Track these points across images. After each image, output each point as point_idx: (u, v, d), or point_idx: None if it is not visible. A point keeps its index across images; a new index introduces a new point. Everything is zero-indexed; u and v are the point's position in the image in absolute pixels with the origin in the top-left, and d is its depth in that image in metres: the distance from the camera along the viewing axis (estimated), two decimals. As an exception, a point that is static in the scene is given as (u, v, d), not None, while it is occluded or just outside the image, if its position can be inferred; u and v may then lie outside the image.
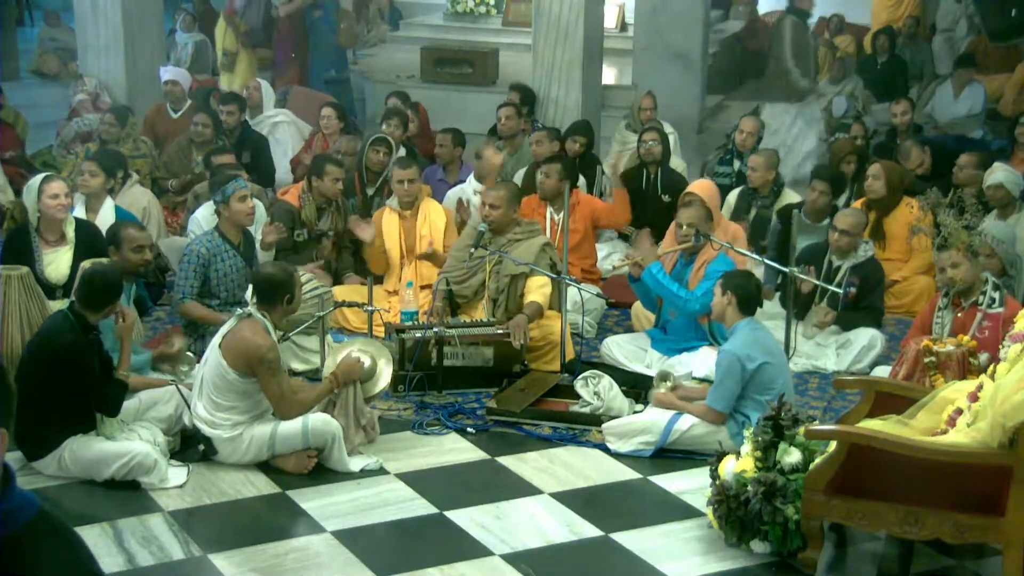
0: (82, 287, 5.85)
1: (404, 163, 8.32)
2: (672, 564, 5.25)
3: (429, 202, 8.25)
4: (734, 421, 6.05)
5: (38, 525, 2.35)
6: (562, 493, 5.86)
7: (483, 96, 12.73)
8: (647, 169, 9.29)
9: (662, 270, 7.19)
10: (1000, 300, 6.56)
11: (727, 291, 6.10)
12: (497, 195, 7.46)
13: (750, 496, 5.19)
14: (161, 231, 8.74)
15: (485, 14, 15.17)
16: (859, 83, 14.07)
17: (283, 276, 6.03)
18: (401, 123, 9.65)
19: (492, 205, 7.42)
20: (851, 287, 7.44)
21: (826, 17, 16.58)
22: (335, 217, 8.29)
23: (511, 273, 7.30)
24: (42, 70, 15.98)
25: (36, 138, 11.22)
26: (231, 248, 7.24)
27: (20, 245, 7.31)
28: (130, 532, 5.40)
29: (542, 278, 7.22)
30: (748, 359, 5.96)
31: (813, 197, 8.38)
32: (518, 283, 7.32)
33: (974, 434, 4.86)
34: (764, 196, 8.75)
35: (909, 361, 6.13)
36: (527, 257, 7.28)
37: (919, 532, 4.97)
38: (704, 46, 13.74)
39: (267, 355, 5.83)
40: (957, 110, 12.85)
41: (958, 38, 15.45)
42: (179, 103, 10.68)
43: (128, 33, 11.10)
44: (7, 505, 2.30)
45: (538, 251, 7.36)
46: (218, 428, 5.95)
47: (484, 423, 6.59)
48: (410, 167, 8.19)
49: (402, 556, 5.32)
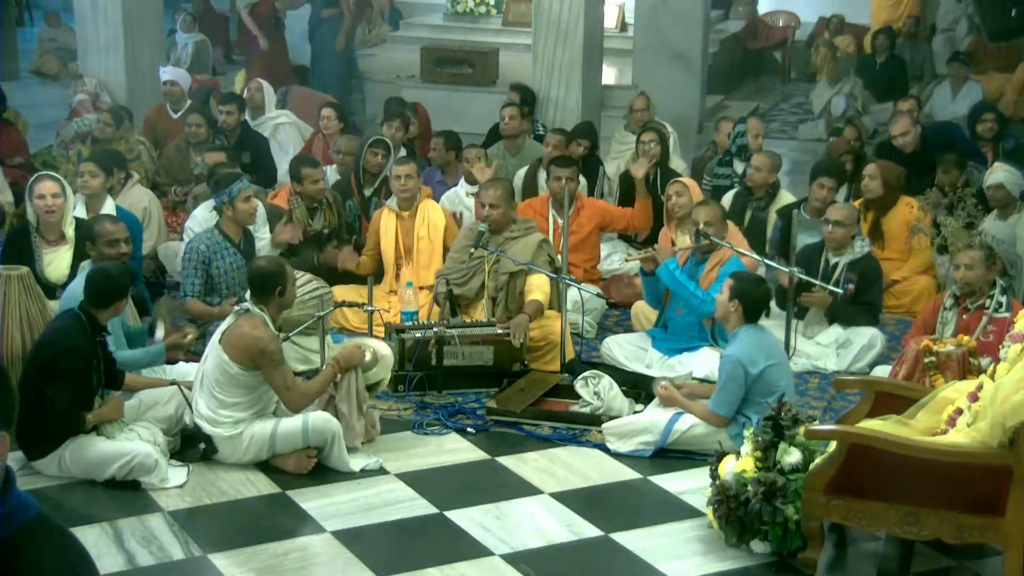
0: (86, 287, 5.91)
1: (402, 160, 8.35)
2: (672, 564, 5.25)
3: (428, 203, 8.24)
4: (735, 422, 6.04)
5: (36, 528, 2.35)
6: (562, 493, 5.86)
7: (483, 96, 12.72)
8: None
9: (679, 267, 7.17)
10: (1007, 304, 6.55)
11: (735, 298, 6.06)
12: (495, 195, 7.46)
13: (750, 496, 5.19)
14: (162, 231, 8.75)
15: (485, 14, 15.17)
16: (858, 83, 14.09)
17: (274, 268, 6.07)
18: (402, 125, 9.64)
19: (492, 205, 7.42)
20: (848, 283, 7.43)
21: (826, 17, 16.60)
22: (328, 214, 8.32)
23: (509, 271, 7.30)
24: (42, 70, 15.99)
25: (36, 138, 11.23)
26: (231, 246, 7.25)
27: (20, 245, 7.32)
28: (130, 532, 5.40)
29: (542, 276, 7.23)
30: (751, 364, 5.95)
31: (821, 194, 8.26)
32: (517, 281, 7.32)
33: (974, 434, 4.86)
34: (759, 198, 8.73)
35: (909, 361, 6.13)
36: (524, 254, 7.29)
37: (919, 532, 4.97)
38: (704, 46, 13.74)
39: (268, 346, 5.84)
40: (956, 109, 12.87)
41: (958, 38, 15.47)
42: (179, 103, 10.67)
43: (128, 33, 11.10)
44: (5, 508, 2.30)
45: (535, 248, 7.37)
46: (219, 426, 5.95)
47: (484, 423, 6.59)
48: (407, 163, 8.21)
49: (402, 556, 5.32)
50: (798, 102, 15.70)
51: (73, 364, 5.69)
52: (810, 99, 14.75)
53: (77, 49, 11.93)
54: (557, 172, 8.15)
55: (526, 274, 7.29)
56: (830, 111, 13.87)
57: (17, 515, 2.33)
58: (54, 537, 2.39)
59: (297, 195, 8.25)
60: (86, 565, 2.44)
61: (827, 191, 8.31)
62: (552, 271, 7.32)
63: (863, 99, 13.95)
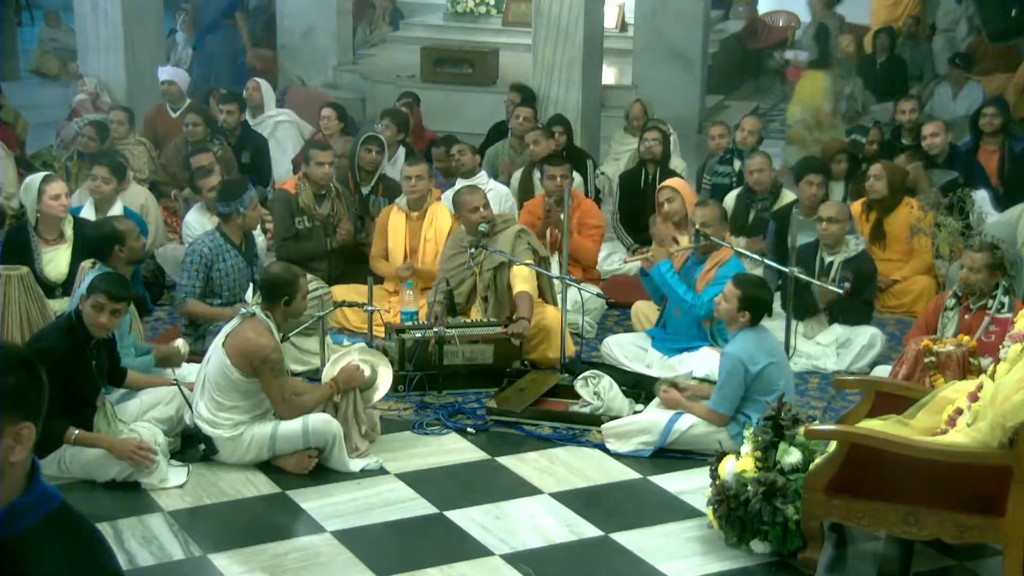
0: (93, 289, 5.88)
1: (413, 160, 8.37)
2: (672, 564, 5.25)
3: (438, 206, 8.22)
4: (735, 422, 6.04)
5: (57, 520, 2.38)
6: (562, 493, 5.86)
7: (483, 96, 12.73)
8: (646, 168, 9.29)
9: (671, 269, 7.17)
10: (1009, 305, 6.54)
11: (744, 309, 6.01)
12: (483, 196, 7.54)
13: (750, 496, 5.19)
14: (160, 230, 8.75)
15: (485, 14, 15.17)
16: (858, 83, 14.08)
17: (286, 276, 6.04)
18: (394, 123, 9.66)
19: (486, 206, 7.49)
20: (845, 282, 7.43)
21: (826, 17, 16.58)
22: (335, 202, 8.34)
23: (491, 266, 7.33)
24: (42, 70, 15.99)
25: (36, 138, 11.24)
26: (233, 248, 7.26)
27: (19, 244, 7.32)
28: (130, 532, 5.40)
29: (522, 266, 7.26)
30: (751, 362, 5.95)
31: (811, 191, 8.29)
32: (502, 274, 7.35)
33: (974, 434, 4.86)
34: (762, 198, 8.73)
35: (909, 361, 6.13)
36: (505, 246, 7.33)
37: (919, 532, 4.97)
38: (704, 46, 13.74)
39: (271, 356, 5.83)
40: (956, 110, 12.86)
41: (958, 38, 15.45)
42: (178, 103, 10.68)
43: (128, 33, 11.11)
44: (29, 498, 2.34)
45: (514, 238, 7.42)
46: (219, 428, 5.95)
47: (484, 423, 6.59)
48: (418, 164, 8.23)
49: (402, 556, 5.32)
50: (798, 102, 15.67)
51: (45, 363, 5.62)
52: (810, 99, 14.73)
53: (77, 49, 11.93)
54: (551, 171, 8.17)
55: (509, 266, 7.31)
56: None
57: (42, 505, 2.36)
58: (78, 528, 2.42)
59: (304, 178, 8.29)
60: (108, 556, 2.47)
61: (816, 187, 8.32)
62: (536, 259, 7.34)
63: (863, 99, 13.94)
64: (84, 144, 9.59)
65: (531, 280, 7.29)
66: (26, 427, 2.33)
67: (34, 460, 2.37)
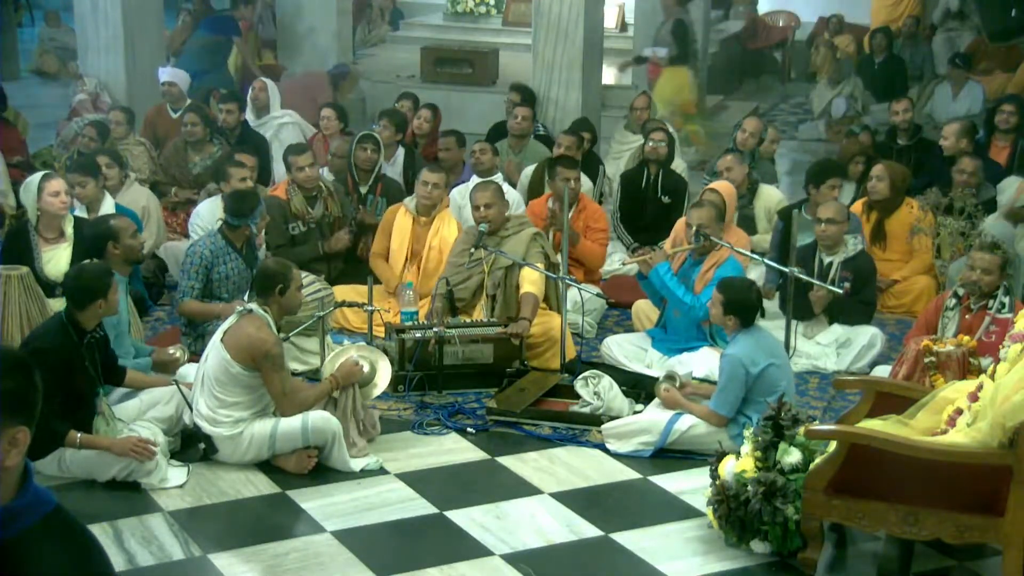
0: (64, 288, 5.90)
1: (434, 167, 8.33)
2: (672, 564, 5.26)
3: (447, 215, 8.19)
4: (735, 422, 6.04)
5: (51, 523, 2.38)
6: (562, 493, 5.86)
7: (483, 96, 12.74)
8: (648, 168, 9.29)
9: (669, 271, 7.18)
10: (1010, 305, 6.54)
11: (728, 314, 6.06)
12: (488, 195, 7.50)
13: (750, 496, 5.19)
14: (161, 230, 8.75)
15: (485, 14, 15.18)
16: (858, 83, 14.09)
17: (277, 267, 6.09)
18: (392, 123, 9.66)
19: (486, 205, 7.46)
20: (845, 282, 7.42)
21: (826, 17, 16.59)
22: (329, 203, 8.34)
23: (504, 267, 7.33)
24: (42, 70, 15.99)
25: (36, 138, 11.22)
26: (234, 251, 7.25)
27: (19, 243, 7.32)
28: (130, 532, 5.40)
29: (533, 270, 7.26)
30: (752, 363, 5.95)
31: (833, 196, 8.19)
32: (512, 275, 7.34)
33: (974, 434, 4.86)
34: (741, 196, 8.70)
35: (909, 361, 6.13)
36: (519, 249, 7.33)
37: (919, 532, 4.97)
38: (704, 46, 13.73)
39: (272, 350, 5.84)
40: (956, 110, 12.85)
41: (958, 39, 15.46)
42: (178, 103, 10.67)
43: (128, 33, 11.10)
44: (23, 501, 2.34)
45: (528, 241, 7.41)
46: (219, 426, 5.95)
47: (484, 423, 6.59)
48: (438, 172, 8.18)
49: (402, 556, 5.32)
50: (798, 102, 15.69)
51: (41, 363, 5.61)
52: (810, 99, 14.75)
53: (77, 49, 11.92)
54: (564, 173, 8.15)
55: (520, 267, 7.31)
56: (830, 112, 13.89)
57: (35, 509, 2.36)
58: (71, 531, 2.42)
59: (293, 184, 8.30)
60: (102, 559, 2.47)
61: (837, 191, 8.33)
62: (546, 264, 7.35)
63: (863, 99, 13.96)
64: (84, 144, 9.58)
65: (539, 283, 7.28)
66: (21, 431, 2.33)
67: (27, 463, 2.37)
